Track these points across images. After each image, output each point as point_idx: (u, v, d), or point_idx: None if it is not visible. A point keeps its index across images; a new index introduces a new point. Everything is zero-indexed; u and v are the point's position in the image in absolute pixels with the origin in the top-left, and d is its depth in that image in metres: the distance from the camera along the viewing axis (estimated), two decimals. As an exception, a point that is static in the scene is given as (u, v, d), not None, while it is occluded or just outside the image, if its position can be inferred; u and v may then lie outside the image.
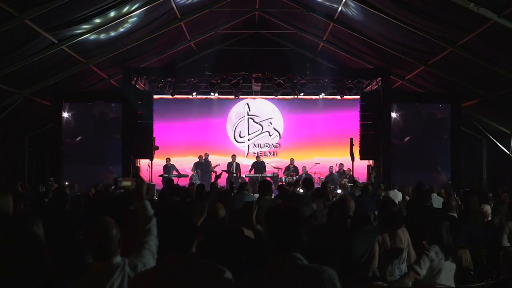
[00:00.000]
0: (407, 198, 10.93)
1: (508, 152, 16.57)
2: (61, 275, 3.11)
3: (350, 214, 4.77)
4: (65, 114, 16.46)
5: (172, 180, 11.76)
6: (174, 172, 16.67)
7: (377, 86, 16.65)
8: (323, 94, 17.63)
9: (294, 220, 2.54)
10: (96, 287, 2.74)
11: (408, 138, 17.13)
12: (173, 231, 2.59)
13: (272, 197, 8.72)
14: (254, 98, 18.77)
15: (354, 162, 16.54)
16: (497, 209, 6.98)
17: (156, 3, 12.72)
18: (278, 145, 18.94)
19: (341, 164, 17.25)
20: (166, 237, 2.61)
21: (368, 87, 17.79)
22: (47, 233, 5.97)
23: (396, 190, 12.06)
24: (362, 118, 16.42)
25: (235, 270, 2.66)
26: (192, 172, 16.83)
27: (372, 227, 5.04)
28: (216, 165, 16.89)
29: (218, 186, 11.35)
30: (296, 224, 2.54)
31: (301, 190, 10.39)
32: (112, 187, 10.61)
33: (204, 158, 17.06)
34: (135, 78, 16.12)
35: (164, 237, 2.63)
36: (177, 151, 17.78)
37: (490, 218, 8.78)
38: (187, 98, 17.97)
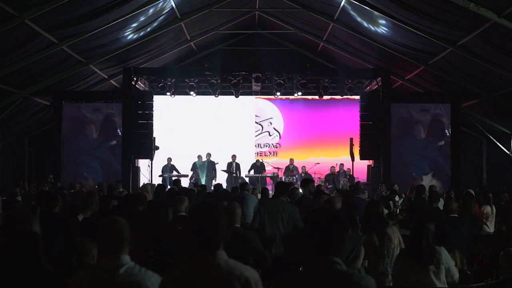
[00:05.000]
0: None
1: (508, 152, 16.56)
2: (56, 271, 3.11)
3: None
4: (65, 114, 16.41)
5: (180, 181, 11.76)
6: (174, 172, 16.68)
7: (377, 86, 16.65)
8: (323, 94, 17.61)
9: (339, 225, 2.53)
10: (102, 282, 2.74)
11: (407, 138, 17.09)
12: (200, 232, 2.53)
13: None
14: (254, 98, 18.80)
15: (354, 162, 16.57)
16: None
17: (156, 3, 12.72)
18: (278, 145, 18.95)
19: (342, 164, 17.25)
20: (193, 237, 2.55)
21: (368, 87, 17.79)
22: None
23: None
24: (362, 118, 16.43)
25: None
26: (192, 172, 16.85)
27: (358, 228, 5.10)
28: (215, 164, 16.93)
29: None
30: (340, 229, 2.53)
31: (300, 190, 10.34)
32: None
33: (204, 158, 17.06)
34: (135, 78, 16.11)
35: (192, 237, 2.55)
36: (177, 151, 17.77)
37: (490, 219, 8.82)
38: (187, 98, 17.96)
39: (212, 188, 13.54)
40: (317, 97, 18.05)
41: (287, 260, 5.27)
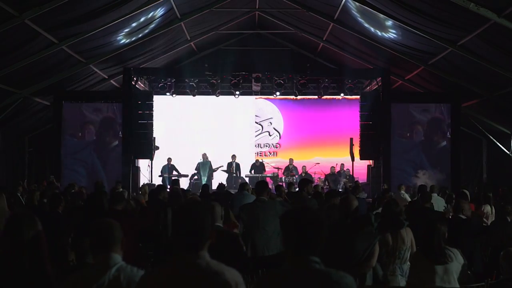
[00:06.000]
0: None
1: (508, 152, 16.55)
2: (57, 272, 3.12)
3: (351, 213, 4.84)
4: (65, 114, 16.39)
5: (178, 180, 11.74)
6: (174, 172, 16.68)
7: (377, 86, 16.65)
8: (323, 94, 17.60)
9: (317, 224, 2.53)
10: (94, 282, 2.74)
11: (407, 138, 17.07)
12: (185, 231, 2.52)
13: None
14: (254, 98, 18.80)
15: (354, 162, 16.57)
16: None
17: (156, 3, 12.72)
18: (278, 145, 18.95)
19: (342, 164, 17.25)
20: (178, 236, 2.54)
21: (368, 87, 17.79)
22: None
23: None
24: (362, 118, 16.44)
25: None
26: (196, 172, 16.82)
27: (373, 228, 5.10)
28: (220, 166, 16.93)
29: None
30: (318, 228, 2.52)
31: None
32: None
33: (206, 158, 17.07)
34: (135, 78, 16.11)
35: (176, 236, 2.55)
36: (177, 151, 17.77)
37: (490, 219, 8.82)
38: (187, 98, 17.95)
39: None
40: (317, 97, 18.06)
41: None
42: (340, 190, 14.14)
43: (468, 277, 5.13)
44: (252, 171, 17.05)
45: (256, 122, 18.96)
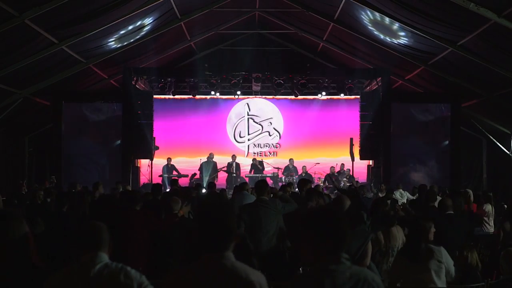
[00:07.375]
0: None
1: (508, 152, 16.55)
2: (45, 265, 3.10)
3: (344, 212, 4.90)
4: (65, 114, 16.38)
5: (177, 180, 11.76)
6: (174, 172, 16.67)
7: (377, 86, 16.65)
8: (323, 94, 17.60)
9: (346, 221, 2.54)
10: (78, 278, 2.74)
11: (407, 138, 17.08)
12: (211, 231, 2.55)
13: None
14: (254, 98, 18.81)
15: (354, 162, 16.57)
16: None
17: (156, 3, 12.72)
18: (278, 145, 18.93)
19: (342, 164, 17.24)
20: (205, 237, 2.56)
21: (368, 87, 17.79)
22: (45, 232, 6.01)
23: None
24: (362, 118, 16.44)
25: None
26: (198, 172, 16.82)
27: (365, 226, 5.12)
28: (223, 167, 16.93)
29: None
30: (349, 224, 2.54)
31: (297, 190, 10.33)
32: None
33: (210, 158, 17.06)
34: (135, 78, 16.11)
35: (202, 237, 2.57)
36: (177, 151, 17.78)
37: (491, 218, 8.84)
38: (187, 98, 17.95)
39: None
40: (317, 97, 18.07)
41: None
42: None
43: (474, 276, 5.07)
44: (252, 171, 17.05)
45: (256, 122, 18.95)
